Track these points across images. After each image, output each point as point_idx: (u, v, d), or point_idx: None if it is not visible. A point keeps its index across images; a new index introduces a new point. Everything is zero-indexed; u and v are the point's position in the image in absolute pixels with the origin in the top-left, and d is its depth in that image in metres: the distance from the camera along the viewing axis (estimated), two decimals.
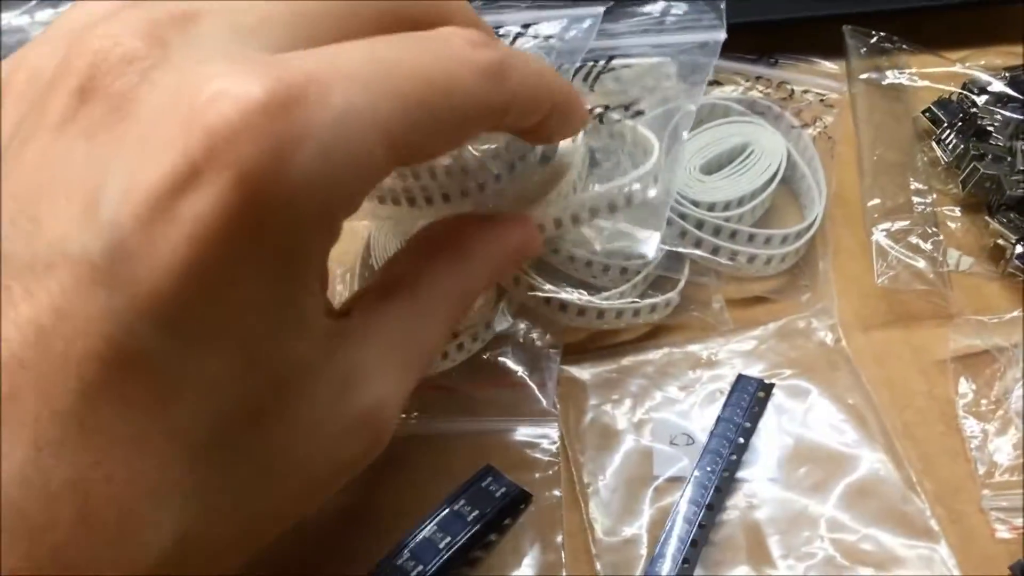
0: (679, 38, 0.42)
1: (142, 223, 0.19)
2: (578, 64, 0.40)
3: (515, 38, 0.41)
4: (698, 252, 0.38)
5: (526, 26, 0.43)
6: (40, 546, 0.18)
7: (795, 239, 0.39)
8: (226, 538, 0.22)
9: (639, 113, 0.38)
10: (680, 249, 0.38)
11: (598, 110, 0.38)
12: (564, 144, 0.35)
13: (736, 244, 0.38)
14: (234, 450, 0.21)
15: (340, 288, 0.40)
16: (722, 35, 0.41)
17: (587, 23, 0.43)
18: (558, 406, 0.36)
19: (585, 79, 0.40)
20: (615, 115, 0.38)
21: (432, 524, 0.33)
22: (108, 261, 0.19)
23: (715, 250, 0.38)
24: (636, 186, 0.35)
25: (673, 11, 0.43)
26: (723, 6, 0.42)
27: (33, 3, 0.44)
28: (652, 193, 0.35)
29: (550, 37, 0.42)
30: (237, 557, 0.23)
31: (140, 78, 0.20)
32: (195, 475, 0.20)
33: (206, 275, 0.19)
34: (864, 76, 0.43)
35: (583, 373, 0.37)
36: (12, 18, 0.43)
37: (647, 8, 0.43)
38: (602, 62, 0.40)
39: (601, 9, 0.43)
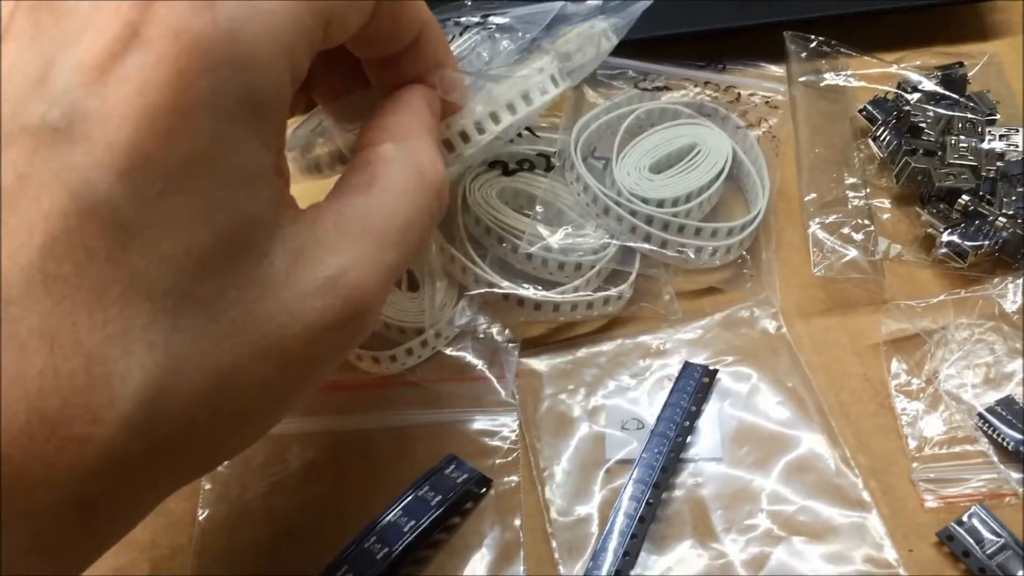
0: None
1: (93, 85, 0.21)
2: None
3: (467, 28, 0.43)
4: (648, 246, 0.40)
5: (485, 16, 0.45)
6: (12, 393, 0.19)
7: (739, 231, 0.41)
8: (196, 396, 0.22)
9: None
10: (631, 244, 0.41)
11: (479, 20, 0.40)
12: None
13: (684, 238, 0.41)
14: (192, 299, 0.22)
15: None
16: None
17: (541, 16, 0.45)
18: (516, 397, 0.39)
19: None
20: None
21: (398, 509, 0.35)
22: (66, 123, 0.20)
23: (664, 244, 0.40)
24: (537, 78, 0.36)
25: None
26: None
27: None
28: (559, 87, 0.37)
29: (501, 27, 0.44)
30: (213, 426, 0.23)
31: None
32: (157, 325, 0.21)
33: (157, 124, 0.21)
34: (803, 79, 0.45)
35: (540, 365, 0.40)
36: None
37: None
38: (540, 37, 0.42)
39: (559, 4, 0.45)
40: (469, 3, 0.48)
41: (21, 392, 0.19)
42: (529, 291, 0.39)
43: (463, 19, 0.44)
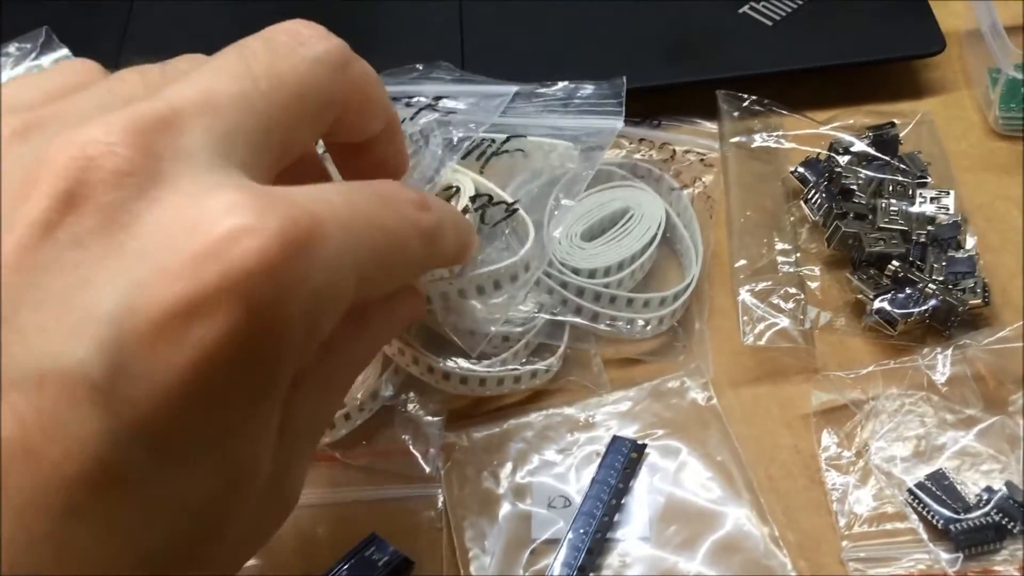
0: (578, 122, 0.44)
1: (147, 344, 0.19)
2: (475, 142, 0.41)
3: (420, 110, 0.43)
4: (578, 320, 0.40)
5: (437, 99, 0.45)
6: None
7: (672, 301, 0.41)
8: None
9: (515, 211, 0.39)
10: (560, 318, 0.40)
11: (481, 201, 0.40)
12: None
13: (615, 310, 0.40)
14: (182, 559, 0.22)
15: None
16: (619, 124, 0.42)
17: (496, 102, 0.44)
18: (442, 472, 0.38)
19: (478, 159, 0.41)
20: (496, 213, 0.39)
21: None
22: (108, 380, 0.19)
23: (595, 317, 0.40)
24: (504, 271, 0.36)
25: (580, 93, 0.45)
26: (624, 92, 0.44)
27: None
28: (528, 274, 0.37)
29: (453, 112, 0.43)
30: None
31: (137, 193, 0.20)
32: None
33: (201, 398, 0.20)
34: (735, 139, 0.45)
35: (465, 439, 0.39)
36: None
37: (553, 89, 0.45)
38: (498, 142, 0.42)
39: (513, 89, 0.45)
40: (420, 67, 0.47)
41: None
42: (455, 366, 0.38)
43: (414, 99, 0.43)
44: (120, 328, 0.19)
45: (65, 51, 0.49)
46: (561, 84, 0.45)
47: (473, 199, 0.38)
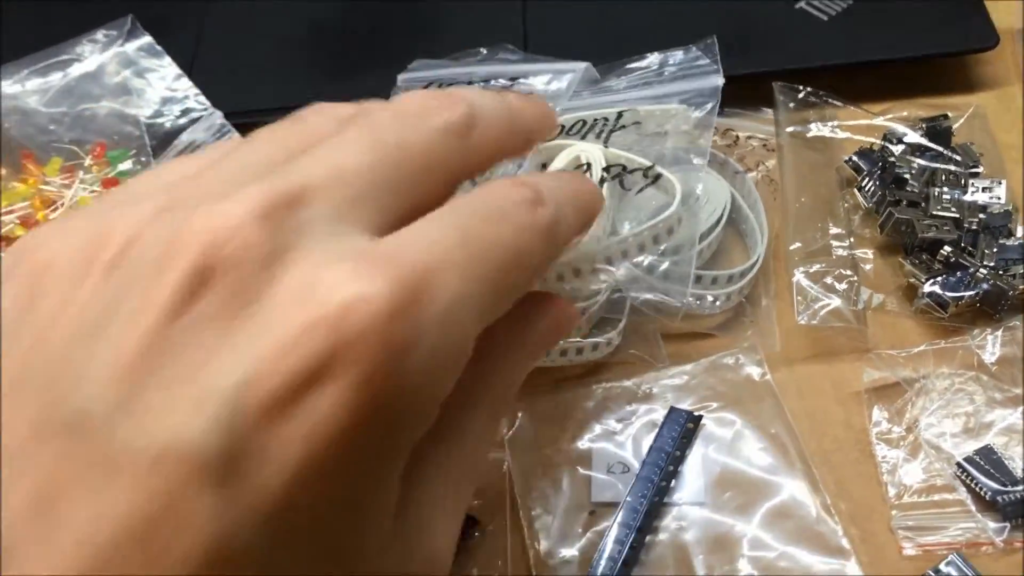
0: (679, 86, 0.45)
1: (263, 421, 0.19)
2: (589, 122, 0.43)
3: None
4: (648, 295, 0.41)
5: (513, 79, 0.47)
6: None
7: (739, 278, 0.42)
8: None
9: (658, 176, 0.41)
10: (633, 293, 0.41)
11: (615, 170, 0.41)
12: None
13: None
14: None
15: None
16: (720, 80, 0.44)
17: (568, 78, 0.46)
18: (506, 438, 0.39)
19: (599, 136, 0.43)
20: (636, 179, 0.41)
21: None
22: (224, 460, 0.18)
23: (666, 292, 0.41)
24: (662, 226, 0.38)
25: (671, 60, 0.46)
26: (717, 50, 0.45)
27: (25, 73, 0.47)
28: (679, 235, 0.39)
29: (531, 94, 0.45)
30: None
31: (261, 268, 0.20)
32: None
33: (315, 474, 0.19)
34: (791, 129, 0.46)
35: (527, 408, 0.40)
36: (7, 86, 0.47)
37: (645, 61, 0.47)
38: (612, 119, 0.44)
39: (583, 65, 0.47)
40: (484, 51, 0.49)
41: None
42: None
43: (490, 83, 0.45)
44: (236, 404, 0.18)
45: (148, 39, 0.51)
46: (652, 55, 0.46)
47: (607, 169, 0.40)
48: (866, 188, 0.44)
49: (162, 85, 0.49)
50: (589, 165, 0.42)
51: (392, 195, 0.23)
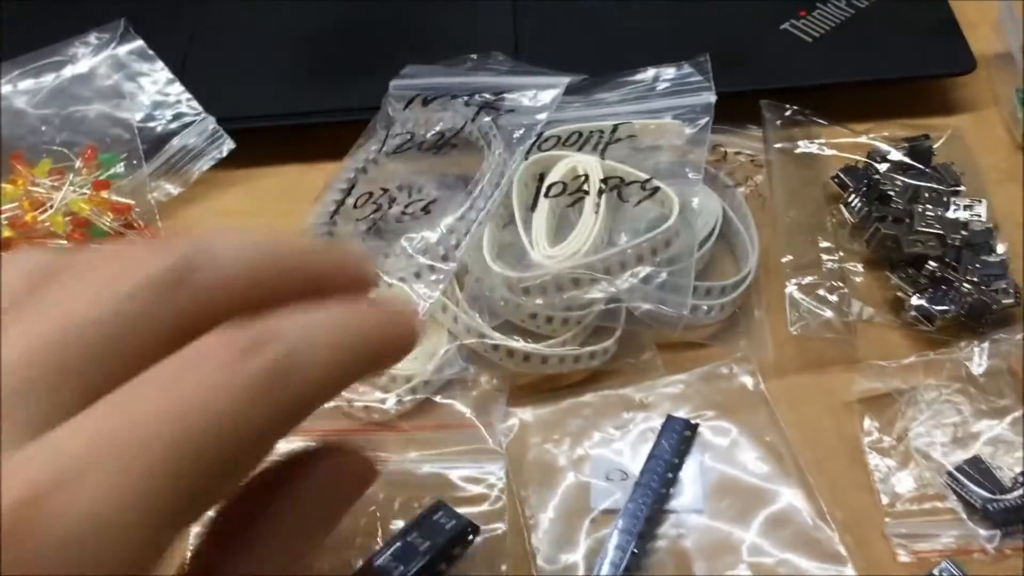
0: (672, 102, 0.46)
1: None
2: (585, 134, 0.44)
3: (479, 109, 0.46)
4: (647, 306, 0.42)
5: (496, 94, 0.47)
6: None
7: (732, 290, 0.43)
8: None
9: (656, 189, 0.41)
10: (627, 303, 0.42)
11: (613, 182, 0.42)
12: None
13: None
14: None
15: None
16: (712, 96, 0.45)
17: (552, 93, 0.47)
18: (505, 445, 0.40)
19: (595, 148, 0.44)
20: (634, 192, 0.41)
21: (387, 555, 0.36)
22: None
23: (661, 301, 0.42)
24: (660, 238, 0.39)
25: (663, 76, 0.47)
26: (709, 68, 0.46)
27: (17, 73, 0.47)
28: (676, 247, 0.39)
29: (512, 111, 0.46)
30: None
31: None
32: None
33: None
34: (779, 145, 0.48)
35: (526, 414, 0.41)
36: None
37: (638, 76, 0.48)
38: (608, 132, 0.44)
39: (566, 80, 0.47)
40: (474, 58, 0.50)
41: None
42: (519, 343, 0.40)
43: (474, 97, 0.46)
44: None
45: (140, 42, 0.51)
46: (645, 70, 0.47)
47: (605, 181, 0.40)
48: (852, 204, 0.45)
49: (154, 89, 0.48)
50: (586, 176, 0.42)
51: (64, 378, 0.19)
